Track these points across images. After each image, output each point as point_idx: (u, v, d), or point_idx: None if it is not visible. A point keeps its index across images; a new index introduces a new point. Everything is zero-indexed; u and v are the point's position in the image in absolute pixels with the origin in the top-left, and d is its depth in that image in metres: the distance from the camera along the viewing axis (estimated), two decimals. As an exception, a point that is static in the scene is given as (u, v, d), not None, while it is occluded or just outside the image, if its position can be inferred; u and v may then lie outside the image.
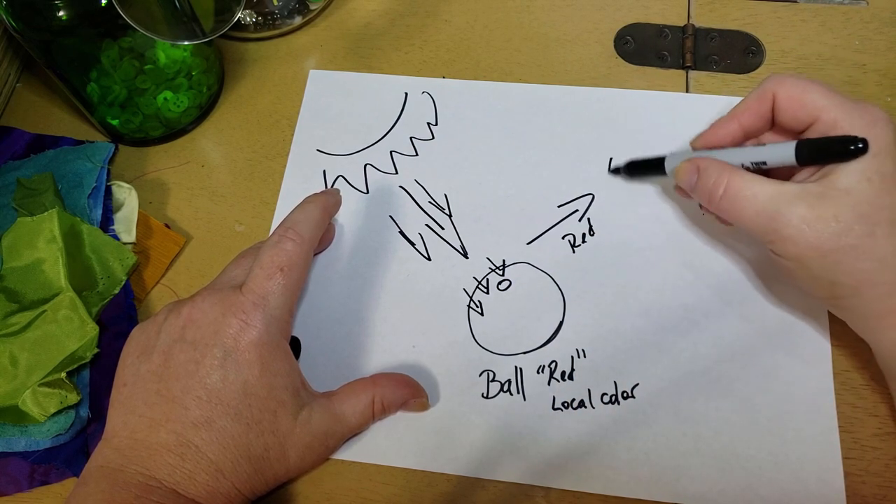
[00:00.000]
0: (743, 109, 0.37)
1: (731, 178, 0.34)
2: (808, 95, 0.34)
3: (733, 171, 0.35)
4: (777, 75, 0.36)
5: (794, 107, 0.35)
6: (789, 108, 0.35)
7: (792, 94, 0.35)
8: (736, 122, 0.37)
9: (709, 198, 0.36)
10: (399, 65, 0.49)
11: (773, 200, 0.33)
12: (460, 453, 0.37)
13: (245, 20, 0.50)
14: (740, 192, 0.34)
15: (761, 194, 0.33)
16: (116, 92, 0.44)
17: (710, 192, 0.35)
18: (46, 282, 0.40)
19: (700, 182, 0.36)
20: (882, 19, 0.48)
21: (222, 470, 0.32)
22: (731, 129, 0.37)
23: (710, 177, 0.35)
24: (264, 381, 0.33)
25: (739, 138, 0.38)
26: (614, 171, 0.44)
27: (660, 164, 0.40)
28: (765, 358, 0.38)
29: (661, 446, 0.37)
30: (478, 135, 0.46)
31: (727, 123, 0.38)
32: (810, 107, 0.34)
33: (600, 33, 0.49)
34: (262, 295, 0.34)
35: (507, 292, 0.41)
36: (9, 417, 0.37)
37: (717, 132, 0.38)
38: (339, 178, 0.45)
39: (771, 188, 0.33)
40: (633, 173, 0.43)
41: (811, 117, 0.34)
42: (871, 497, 0.35)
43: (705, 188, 0.36)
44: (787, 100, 0.35)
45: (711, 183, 0.35)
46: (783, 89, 0.35)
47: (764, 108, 0.36)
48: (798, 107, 0.34)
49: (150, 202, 0.46)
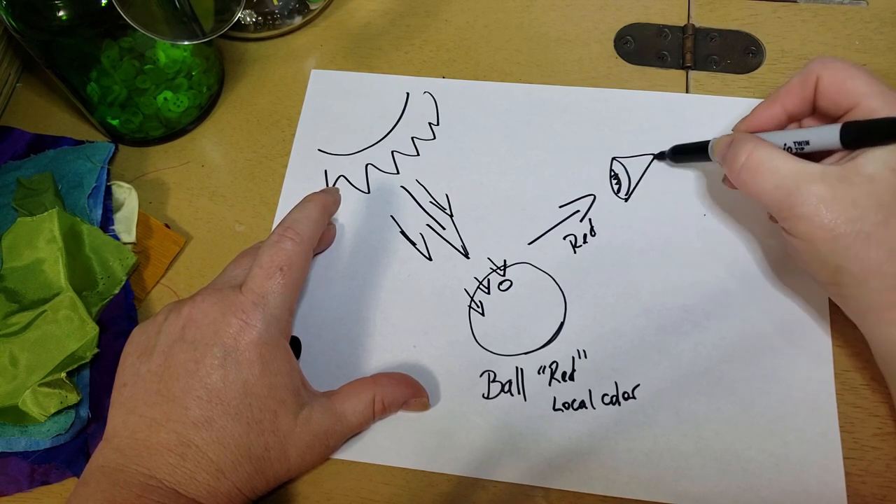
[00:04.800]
0: (786, 92, 0.37)
1: (755, 149, 0.34)
2: (851, 81, 0.34)
3: (762, 143, 0.35)
4: (822, 58, 0.35)
5: (835, 91, 0.34)
6: (831, 93, 0.35)
7: (835, 79, 0.34)
8: (779, 105, 0.37)
9: (731, 167, 0.35)
10: (399, 65, 0.49)
11: (793, 176, 0.33)
12: (460, 453, 0.37)
13: (245, 20, 0.50)
14: (762, 164, 0.34)
15: (783, 168, 0.33)
16: (116, 92, 0.44)
17: (733, 161, 0.35)
18: (46, 282, 0.40)
19: (729, 152, 0.36)
20: (882, 19, 0.48)
21: (223, 469, 0.32)
22: (775, 112, 0.37)
23: (738, 147, 0.35)
24: (265, 381, 0.33)
25: (783, 122, 0.37)
26: (658, 156, 0.44)
27: (704, 148, 0.40)
28: (766, 359, 0.38)
29: (661, 447, 0.37)
30: (479, 135, 0.46)
31: (770, 106, 0.37)
32: (852, 93, 0.34)
33: (600, 33, 0.49)
34: (261, 294, 0.34)
35: (508, 292, 0.41)
36: (9, 417, 0.37)
37: (759, 115, 0.38)
38: (340, 178, 0.45)
39: (794, 164, 0.33)
40: (678, 159, 0.43)
41: (851, 103, 0.34)
42: (872, 497, 0.35)
43: (732, 157, 0.35)
44: (830, 84, 0.35)
45: (737, 151, 0.35)
46: (827, 73, 0.35)
47: (807, 91, 0.36)
48: (839, 91, 0.34)
49: (150, 202, 0.46)
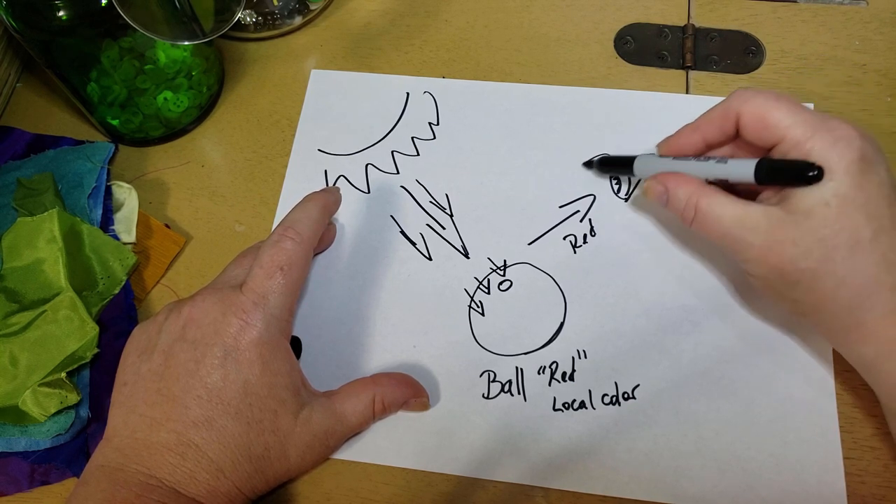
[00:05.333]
0: (706, 123, 0.37)
1: (699, 200, 0.35)
2: (773, 115, 0.33)
3: (702, 191, 0.35)
4: (743, 92, 0.35)
5: (758, 127, 0.34)
6: (753, 128, 0.34)
7: (756, 115, 0.34)
8: (699, 135, 0.37)
9: (682, 218, 0.36)
10: (399, 65, 0.49)
11: (735, 225, 0.34)
12: (460, 453, 0.37)
13: (245, 20, 0.50)
14: (707, 216, 0.35)
15: (725, 218, 0.34)
16: (116, 92, 0.44)
17: (682, 214, 0.36)
18: (46, 282, 0.40)
19: (671, 202, 0.37)
20: (882, 19, 0.48)
21: (223, 469, 0.32)
22: (694, 141, 0.37)
23: (681, 199, 0.36)
24: (265, 381, 0.33)
25: (702, 150, 0.38)
26: (587, 164, 0.44)
27: (629, 163, 0.41)
28: (766, 359, 0.38)
29: (661, 447, 0.37)
30: (479, 135, 0.46)
31: (690, 135, 0.37)
32: (773, 127, 0.33)
33: (600, 33, 0.49)
34: (262, 294, 0.34)
35: (508, 293, 0.41)
36: (9, 417, 0.37)
37: (679, 141, 0.38)
38: (340, 178, 0.45)
39: (734, 211, 0.34)
40: (604, 169, 0.43)
41: (776, 137, 0.34)
42: (872, 497, 0.35)
43: (677, 209, 0.36)
44: (750, 119, 0.34)
45: (682, 206, 0.36)
46: (747, 108, 0.34)
47: (727, 125, 0.36)
48: (762, 127, 0.34)
49: (150, 202, 0.46)
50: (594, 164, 0.44)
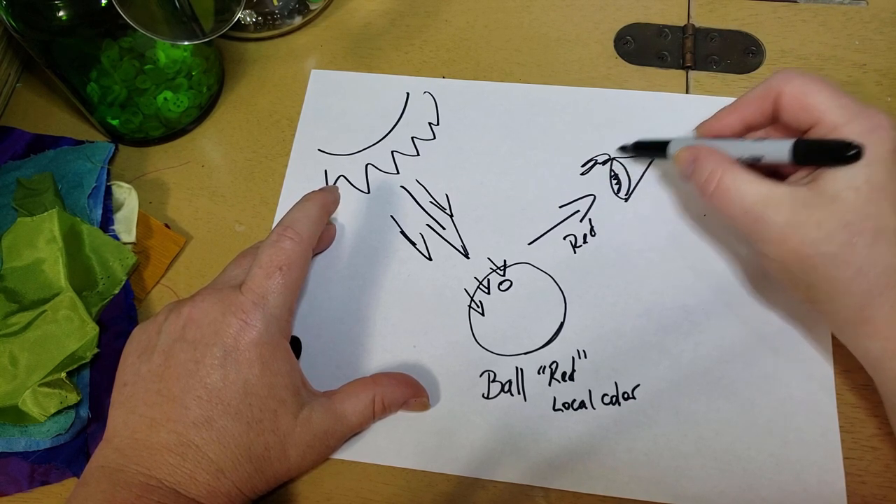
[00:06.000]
0: (746, 104, 0.37)
1: (723, 174, 0.34)
2: (813, 98, 0.33)
3: (727, 166, 0.35)
4: (785, 72, 0.35)
5: (796, 108, 0.34)
6: (792, 109, 0.34)
7: (796, 95, 0.34)
8: (737, 115, 0.37)
9: (701, 190, 0.36)
10: (399, 65, 0.49)
11: (759, 202, 0.33)
12: (460, 453, 0.37)
13: (245, 20, 0.50)
14: (729, 190, 0.34)
15: (749, 195, 0.33)
16: (116, 92, 0.44)
17: (703, 185, 0.35)
18: (46, 282, 0.40)
19: (695, 173, 0.36)
20: (882, 19, 0.48)
21: (223, 469, 0.32)
22: (732, 122, 0.37)
23: (705, 169, 0.35)
24: (265, 381, 0.33)
25: (740, 131, 0.38)
26: (622, 148, 0.44)
27: (664, 147, 0.40)
28: (766, 359, 0.38)
29: (661, 447, 0.37)
30: (479, 135, 0.46)
31: (728, 115, 0.37)
32: (813, 109, 0.33)
33: (600, 33, 0.49)
34: (261, 294, 0.34)
35: (508, 293, 0.41)
36: (9, 417, 0.37)
37: (718, 122, 0.38)
38: (340, 178, 0.45)
39: (759, 189, 0.33)
40: (640, 153, 0.43)
41: (813, 119, 0.34)
42: (872, 497, 0.35)
43: (699, 180, 0.36)
44: (790, 100, 0.34)
45: (705, 176, 0.35)
46: (789, 88, 0.34)
47: (766, 105, 0.36)
48: (800, 108, 0.34)
49: (150, 202, 0.46)
50: (629, 148, 0.44)
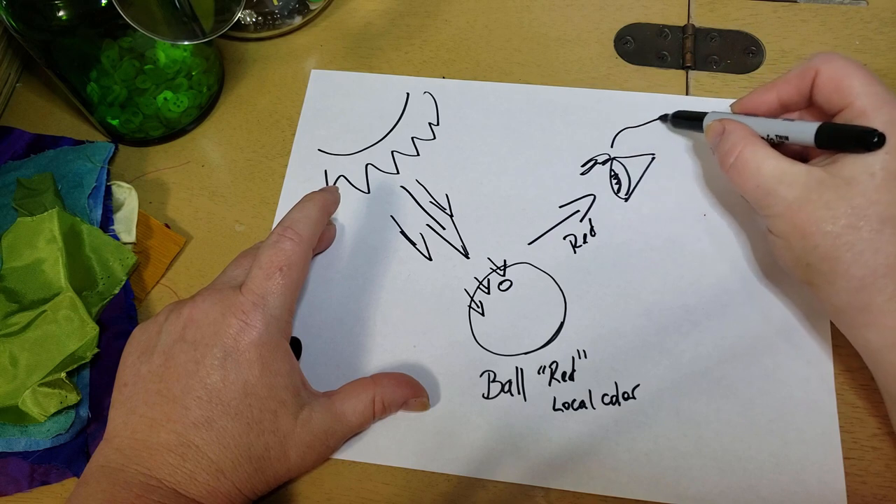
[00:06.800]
0: (784, 81, 0.37)
1: (744, 147, 0.35)
2: (848, 80, 0.34)
3: (750, 140, 0.36)
4: (827, 53, 0.35)
5: (830, 89, 0.35)
6: (827, 89, 0.35)
7: (833, 76, 0.34)
8: (774, 93, 0.38)
9: (721, 161, 0.37)
10: (399, 65, 0.49)
11: (772, 177, 0.34)
12: (460, 453, 0.37)
13: (245, 20, 0.50)
14: (748, 163, 0.35)
15: (764, 169, 0.34)
16: (116, 92, 0.44)
17: (724, 156, 0.37)
18: (46, 282, 0.40)
19: (720, 145, 0.37)
20: (882, 19, 0.48)
21: (223, 470, 0.32)
22: (768, 99, 0.38)
23: (728, 141, 0.36)
24: (265, 381, 0.33)
25: (776, 109, 0.38)
26: (662, 117, 0.45)
27: (701, 118, 0.41)
28: (766, 359, 0.38)
29: (661, 447, 0.37)
30: (479, 135, 0.46)
31: (766, 93, 0.38)
32: (846, 92, 0.34)
33: (600, 33, 0.49)
34: (261, 295, 0.34)
35: (508, 292, 0.41)
36: (9, 417, 0.37)
37: (754, 99, 0.39)
38: (340, 178, 0.45)
39: (776, 164, 0.34)
40: (678, 124, 0.44)
41: (844, 102, 0.34)
42: (872, 497, 0.35)
43: (722, 150, 0.37)
44: (827, 80, 0.35)
45: (727, 148, 0.36)
46: (827, 68, 0.35)
47: (804, 85, 0.36)
48: (835, 89, 0.34)
49: (150, 202, 0.46)
50: (668, 118, 0.44)
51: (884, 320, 0.32)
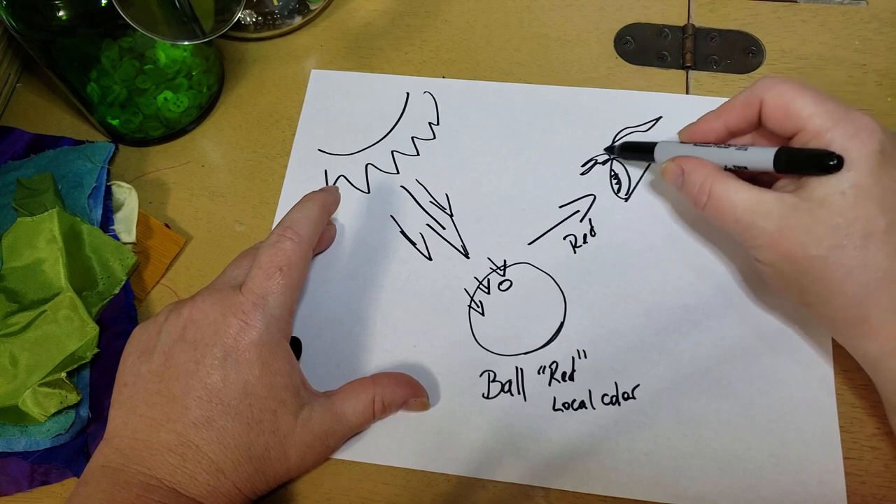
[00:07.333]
0: (729, 110, 0.37)
1: (713, 185, 0.35)
2: (796, 104, 0.33)
3: (716, 176, 0.35)
4: (768, 79, 0.35)
5: (779, 115, 0.34)
6: (775, 117, 0.34)
7: (779, 103, 0.34)
8: (721, 122, 0.37)
9: (694, 202, 0.36)
10: (399, 65, 0.49)
11: (749, 210, 0.34)
12: (460, 453, 0.37)
13: (245, 20, 0.50)
14: (721, 200, 0.35)
15: (739, 203, 0.34)
16: (116, 92, 0.44)
17: (695, 197, 0.36)
18: (46, 282, 0.40)
19: (685, 186, 0.37)
20: (882, 19, 0.48)
21: (223, 470, 0.32)
22: (716, 127, 0.38)
23: (695, 182, 0.36)
24: (265, 381, 0.33)
25: (724, 137, 0.38)
26: (608, 149, 0.44)
27: (650, 149, 0.41)
28: (766, 359, 0.38)
29: (661, 447, 0.37)
30: (479, 135, 0.46)
31: (713, 121, 0.38)
32: (796, 116, 0.33)
33: (600, 33, 0.49)
34: (261, 295, 0.34)
35: (508, 292, 0.41)
36: (9, 417, 0.37)
37: (702, 128, 0.38)
38: (340, 178, 0.45)
39: (748, 197, 0.34)
40: (625, 154, 0.44)
41: (797, 127, 0.34)
42: (872, 497, 0.35)
43: (690, 192, 0.36)
44: (773, 108, 0.34)
45: (696, 189, 0.36)
46: (771, 96, 0.34)
47: (750, 112, 0.36)
48: (783, 116, 0.34)
49: (150, 202, 0.46)
50: (615, 150, 0.44)
51: (882, 331, 0.32)
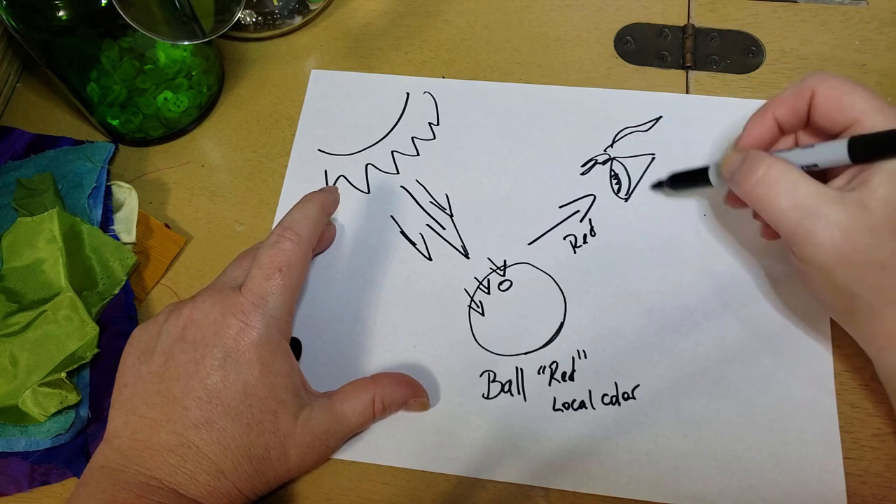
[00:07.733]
0: (779, 103, 0.36)
1: (773, 163, 0.32)
2: (848, 98, 0.33)
3: (778, 160, 0.33)
4: (819, 73, 0.34)
5: (832, 108, 0.33)
6: (827, 109, 0.34)
7: (832, 95, 0.33)
8: (770, 115, 0.36)
9: (745, 181, 0.33)
10: (399, 65, 0.49)
11: (813, 196, 0.31)
12: (460, 453, 0.37)
13: (245, 20, 0.50)
14: (780, 180, 0.32)
15: (802, 187, 0.31)
16: (116, 92, 0.44)
17: (748, 175, 0.33)
18: (46, 282, 0.40)
19: (743, 166, 0.34)
20: (882, 19, 0.48)
21: (223, 470, 0.32)
22: (767, 123, 0.36)
23: (753, 160, 0.33)
24: (265, 382, 0.33)
25: (776, 132, 0.36)
26: (656, 185, 0.43)
27: (704, 173, 0.38)
28: (766, 359, 0.38)
29: (661, 447, 0.37)
30: (479, 135, 0.46)
31: (762, 117, 0.36)
32: (849, 110, 0.33)
33: (600, 33, 0.49)
34: (261, 295, 0.34)
35: (508, 293, 0.41)
36: (9, 417, 0.37)
37: (753, 129, 0.36)
38: (340, 178, 0.45)
39: (813, 184, 0.31)
40: (677, 186, 0.41)
41: (849, 120, 0.33)
42: (872, 497, 0.35)
43: (747, 172, 0.33)
44: (826, 100, 0.34)
45: (753, 167, 0.33)
46: (823, 88, 0.34)
47: (800, 105, 0.35)
48: (836, 109, 0.33)
49: (150, 202, 0.46)
50: (665, 184, 0.42)
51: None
